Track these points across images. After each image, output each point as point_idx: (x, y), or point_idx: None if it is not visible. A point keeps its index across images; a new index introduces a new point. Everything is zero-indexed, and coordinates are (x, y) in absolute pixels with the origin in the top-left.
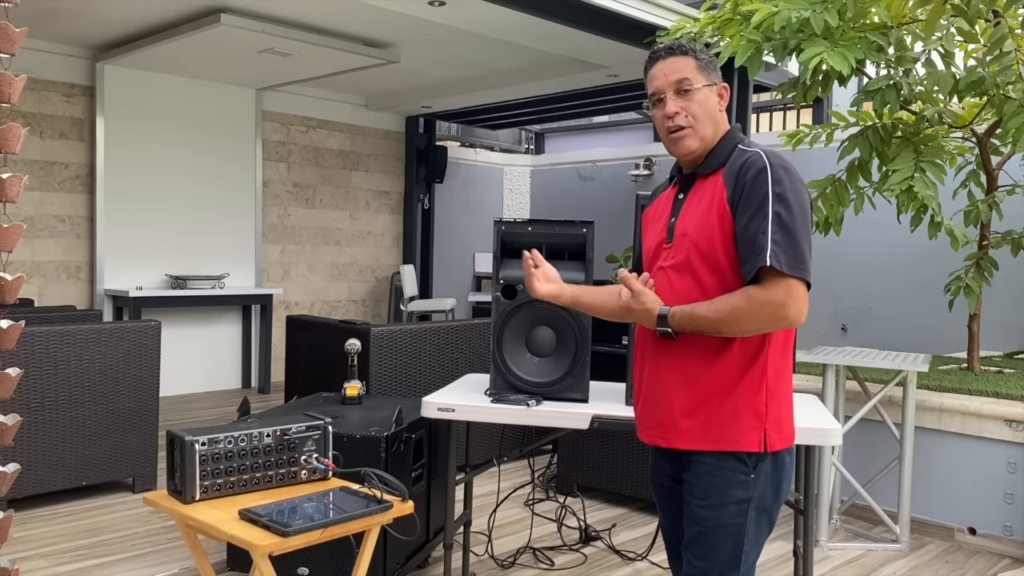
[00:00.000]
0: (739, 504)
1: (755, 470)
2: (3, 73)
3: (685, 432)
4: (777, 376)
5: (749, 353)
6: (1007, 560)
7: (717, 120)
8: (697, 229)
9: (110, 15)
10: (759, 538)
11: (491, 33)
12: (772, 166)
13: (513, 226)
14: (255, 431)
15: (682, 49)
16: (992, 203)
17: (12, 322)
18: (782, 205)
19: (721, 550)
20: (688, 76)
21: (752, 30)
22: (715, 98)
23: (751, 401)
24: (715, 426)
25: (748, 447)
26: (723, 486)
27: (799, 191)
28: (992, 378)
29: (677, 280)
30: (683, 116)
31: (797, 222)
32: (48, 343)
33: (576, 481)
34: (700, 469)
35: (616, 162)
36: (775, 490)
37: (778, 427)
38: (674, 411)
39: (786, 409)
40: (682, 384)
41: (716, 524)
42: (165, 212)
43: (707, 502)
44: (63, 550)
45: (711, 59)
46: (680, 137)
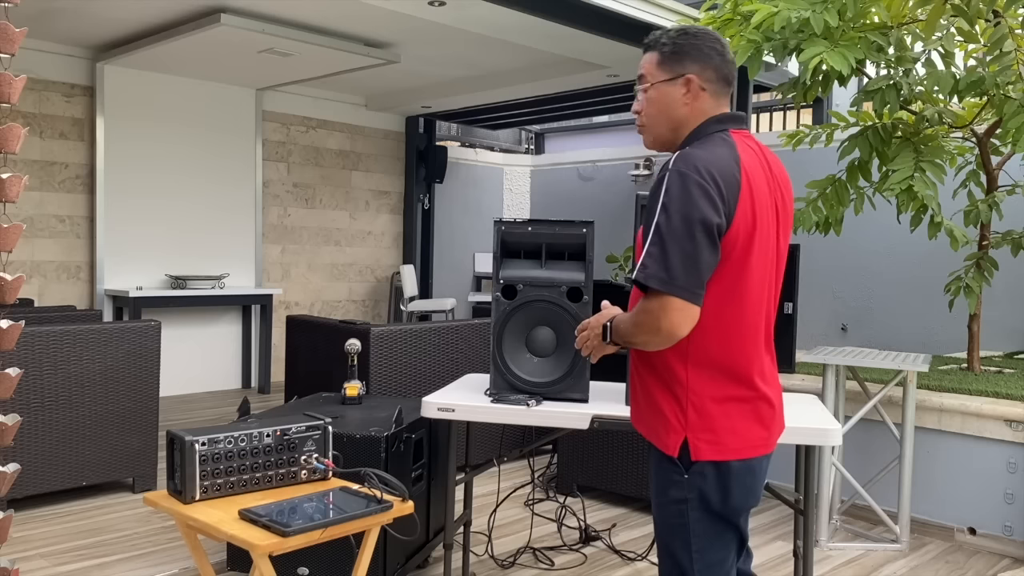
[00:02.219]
0: (677, 504)
1: (688, 471)
2: (3, 73)
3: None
4: (703, 386)
5: (663, 362)
6: (1007, 560)
7: (674, 115)
8: (640, 234)
9: (110, 15)
10: (715, 540)
11: (491, 33)
12: (670, 173)
13: (513, 226)
14: (255, 431)
15: (649, 44)
16: (992, 203)
17: (12, 322)
18: (664, 215)
19: (671, 547)
20: (644, 73)
21: (752, 30)
22: (677, 91)
23: (668, 408)
24: (651, 424)
25: (670, 451)
26: (662, 485)
27: (689, 201)
28: (992, 378)
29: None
30: (641, 116)
31: (676, 233)
32: (48, 343)
33: (576, 481)
34: (652, 467)
35: (616, 162)
36: (722, 495)
37: (709, 436)
38: (635, 399)
39: (724, 420)
40: (640, 379)
41: (660, 521)
42: (165, 212)
43: (655, 500)
44: (63, 550)
45: (678, 47)
46: (641, 134)
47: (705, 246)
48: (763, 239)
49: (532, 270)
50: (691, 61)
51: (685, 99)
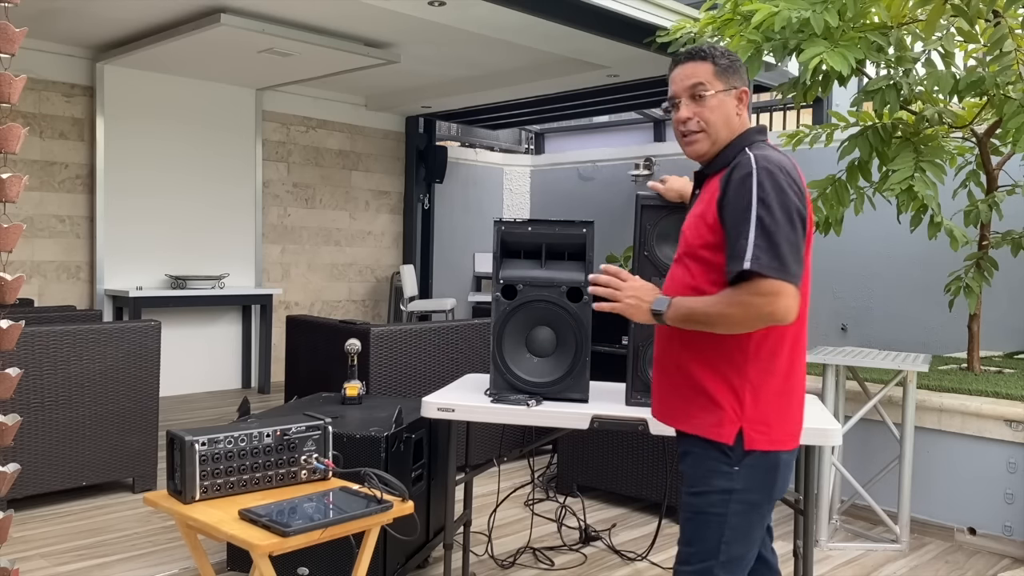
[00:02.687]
0: (721, 494)
1: (740, 463)
2: (3, 73)
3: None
4: (763, 376)
5: (723, 351)
6: (1007, 560)
7: (732, 123)
8: (690, 227)
9: (110, 15)
10: (747, 534)
11: (491, 33)
12: (758, 170)
13: (513, 226)
14: (255, 431)
15: (701, 54)
16: (992, 203)
17: (12, 322)
18: (764, 208)
19: (701, 535)
20: (703, 81)
21: (752, 30)
22: (732, 102)
23: (723, 397)
24: (693, 414)
25: (724, 439)
26: (705, 474)
27: (784, 192)
28: (992, 378)
29: (676, 272)
30: (695, 121)
31: (780, 224)
32: (48, 343)
33: (576, 481)
34: (689, 456)
35: (616, 162)
36: (768, 487)
37: (763, 427)
38: (670, 390)
39: (777, 411)
40: (695, 364)
41: (696, 509)
42: (165, 212)
43: (693, 488)
44: (63, 550)
45: (732, 63)
46: (691, 141)
47: (802, 236)
48: (810, 237)
49: (532, 270)
50: (740, 77)
51: (738, 110)
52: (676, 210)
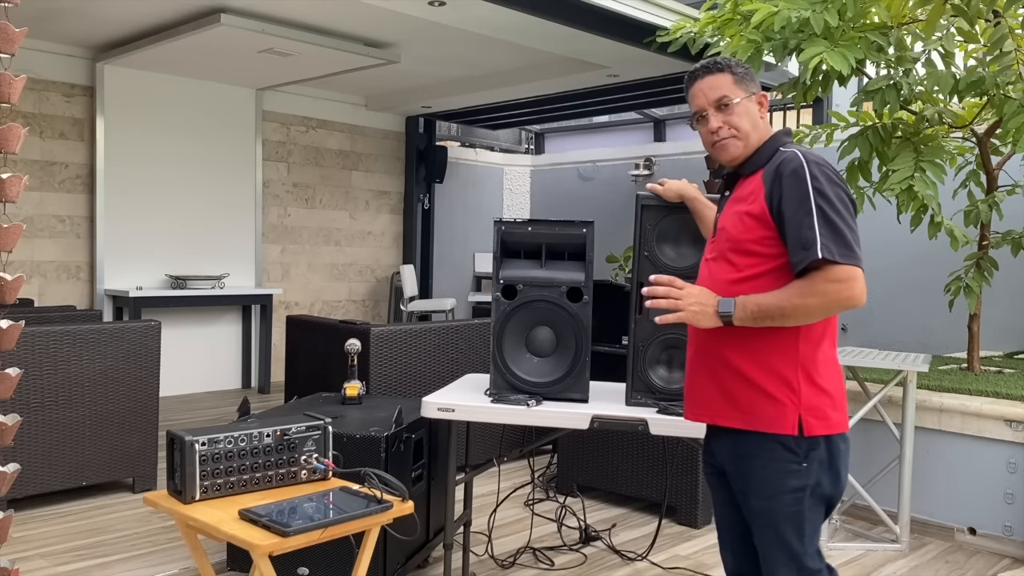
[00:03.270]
0: (795, 492)
1: (806, 458)
2: (3, 73)
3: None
4: (812, 363)
5: (777, 344)
6: (1007, 560)
7: (759, 126)
8: (734, 224)
9: (110, 15)
10: (819, 523)
11: (491, 33)
12: (808, 163)
13: (513, 226)
14: (255, 431)
15: (718, 66)
16: (992, 203)
17: (12, 322)
18: (823, 198)
19: (784, 536)
20: (726, 93)
21: (752, 30)
22: (755, 107)
23: (777, 390)
24: (749, 411)
25: (787, 430)
26: (777, 475)
27: (836, 184)
28: (992, 378)
29: (715, 269)
30: (726, 129)
31: (841, 213)
32: (48, 343)
33: (576, 481)
34: (752, 459)
35: (616, 162)
36: (833, 476)
37: (819, 412)
38: (717, 390)
39: (830, 397)
40: (742, 359)
41: (772, 512)
42: (165, 212)
43: (764, 492)
44: (63, 550)
45: (746, 71)
46: (724, 147)
47: (856, 223)
48: None
49: (532, 270)
50: (755, 83)
51: (761, 113)
52: (676, 210)
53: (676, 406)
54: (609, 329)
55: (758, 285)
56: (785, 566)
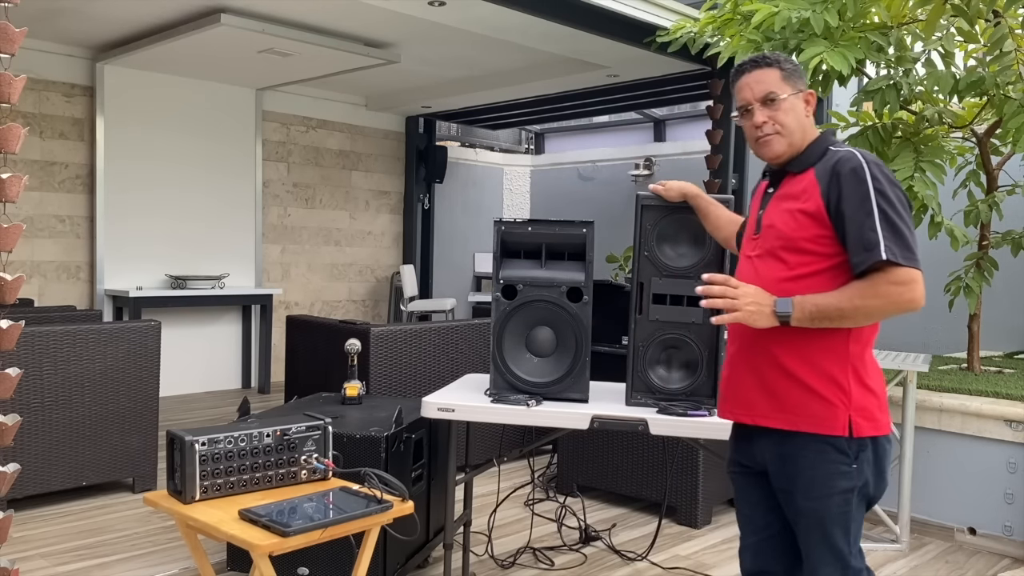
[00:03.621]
0: (844, 494)
1: (856, 459)
2: (3, 73)
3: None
4: (860, 364)
5: (829, 345)
6: (1007, 560)
7: (804, 124)
8: (785, 222)
9: (110, 15)
10: (862, 522)
11: (491, 33)
12: (867, 163)
13: (513, 226)
14: (255, 431)
15: (767, 61)
16: (992, 203)
17: (12, 322)
18: (884, 200)
19: (832, 536)
20: (773, 88)
21: (752, 30)
22: (801, 105)
23: (828, 391)
24: (799, 411)
25: (837, 431)
26: (827, 477)
27: (895, 185)
28: (992, 378)
29: (762, 267)
30: (770, 124)
31: (901, 215)
32: (48, 343)
33: (576, 481)
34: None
35: (616, 162)
36: (878, 477)
37: (867, 413)
38: (764, 390)
39: (877, 398)
40: (792, 359)
41: (821, 513)
42: (165, 212)
43: (813, 493)
44: (63, 550)
45: (795, 68)
46: (766, 142)
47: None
48: None
49: (532, 270)
50: (803, 80)
51: (806, 111)
52: (676, 210)
53: (676, 406)
54: (609, 329)
55: (810, 284)
56: (830, 566)
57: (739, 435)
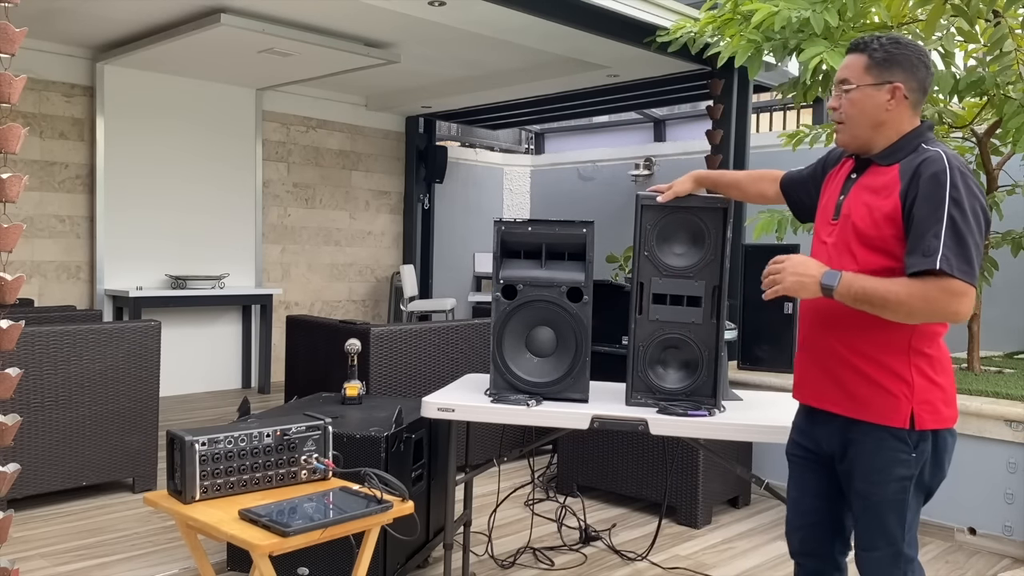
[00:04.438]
0: (901, 481)
1: (915, 448)
2: (3, 73)
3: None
4: (926, 357)
5: (892, 337)
6: (1007, 560)
7: (880, 119)
8: (861, 216)
9: (110, 15)
10: (918, 513)
11: (491, 33)
12: (951, 168)
13: (513, 226)
14: (255, 431)
15: (860, 46)
16: (992, 203)
17: (12, 322)
18: (958, 210)
19: (886, 523)
20: (850, 76)
21: (752, 30)
22: (881, 97)
23: (890, 382)
24: (863, 401)
25: (899, 423)
26: (886, 463)
27: (975, 197)
28: (992, 378)
29: (836, 258)
30: (838, 113)
31: (971, 228)
32: (48, 343)
33: (576, 481)
34: (862, 445)
35: (616, 162)
36: (936, 468)
37: (930, 407)
38: (829, 377)
39: (942, 391)
40: (851, 351)
41: (877, 499)
42: (165, 212)
43: (872, 478)
44: (63, 550)
45: (889, 56)
46: (837, 130)
47: (983, 240)
48: None
49: (532, 270)
50: (900, 70)
51: (888, 105)
52: (676, 210)
53: (676, 406)
54: (609, 329)
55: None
56: (882, 550)
57: (805, 418)
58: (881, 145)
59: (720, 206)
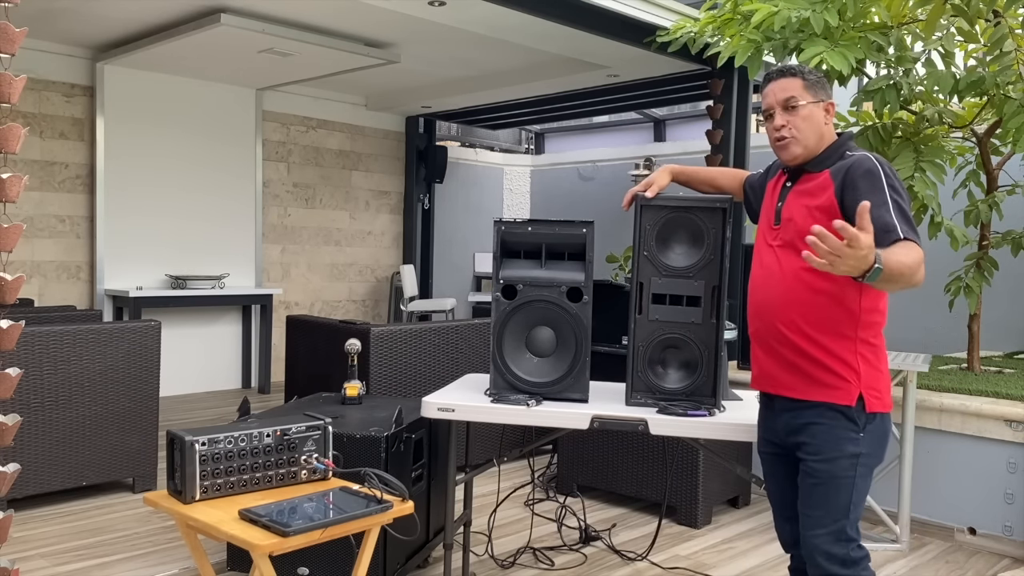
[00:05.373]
0: (851, 458)
1: (863, 429)
2: (3, 73)
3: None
4: (869, 344)
5: (844, 321)
6: (1007, 560)
7: (822, 131)
8: (803, 218)
9: (110, 15)
10: (864, 495)
11: (491, 33)
12: (880, 163)
13: (513, 226)
14: (255, 431)
15: (791, 71)
16: (992, 203)
17: (12, 322)
18: (896, 194)
19: (833, 499)
20: (795, 95)
21: (752, 30)
22: (821, 113)
23: (841, 367)
24: (819, 382)
25: (848, 402)
26: (836, 440)
27: (902, 183)
28: (992, 378)
29: (784, 257)
30: (788, 129)
31: (908, 206)
32: (48, 343)
33: (576, 481)
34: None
35: (616, 162)
36: (879, 448)
37: (875, 392)
38: (784, 364)
39: (883, 377)
40: (802, 338)
41: (827, 474)
42: (165, 212)
43: (824, 455)
44: (63, 550)
45: (819, 79)
46: (783, 146)
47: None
48: None
49: (532, 270)
50: (825, 91)
51: (826, 119)
52: (676, 210)
53: (676, 406)
54: (609, 329)
55: (827, 275)
56: (827, 527)
57: (765, 410)
58: (816, 155)
59: (720, 206)
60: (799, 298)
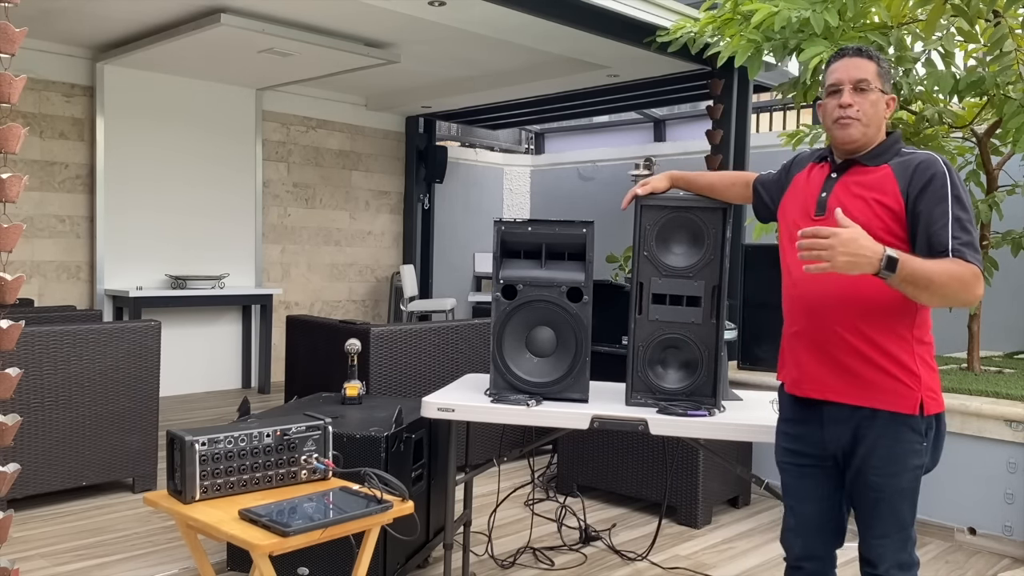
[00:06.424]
0: (915, 471)
1: (925, 437)
2: (3, 73)
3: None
4: (924, 346)
5: (902, 327)
6: (1007, 560)
7: (880, 123)
8: (861, 210)
9: (110, 15)
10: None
11: (491, 33)
12: (948, 169)
13: (513, 226)
14: (255, 431)
15: (868, 53)
16: (992, 203)
17: (12, 322)
18: (959, 206)
19: (899, 510)
20: (868, 77)
21: (752, 30)
22: (883, 105)
23: (902, 373)
24: (880, 391)
25: (910, 410)
26: (902, 454)
27: (967, 193)
28: (992, 378)
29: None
30: (855, 109)
31: (972, 220)
32: (48, 343)
33: (576, 481)
34: (879, 438)
35: (616, 162)
36: (936, 454)
37: (932, 393)
38: (840, 369)
39: (936, 379)
40: (860, 339)
41: (892, 488)
42: (165, 212)
43: (888, 469)
44: (63, 550)
45: (889, 70)
46: (846, 124)
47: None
48: None
49: (532, 270)
50: (890, 85)
51: (885, 113)
52: (676, 210)
53: (676, 406)
54: (609, 329)
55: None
56: (892, 536)
57: (799, 417)
58: (871, 147)
59: (720, 206)
60: (860, 294)
